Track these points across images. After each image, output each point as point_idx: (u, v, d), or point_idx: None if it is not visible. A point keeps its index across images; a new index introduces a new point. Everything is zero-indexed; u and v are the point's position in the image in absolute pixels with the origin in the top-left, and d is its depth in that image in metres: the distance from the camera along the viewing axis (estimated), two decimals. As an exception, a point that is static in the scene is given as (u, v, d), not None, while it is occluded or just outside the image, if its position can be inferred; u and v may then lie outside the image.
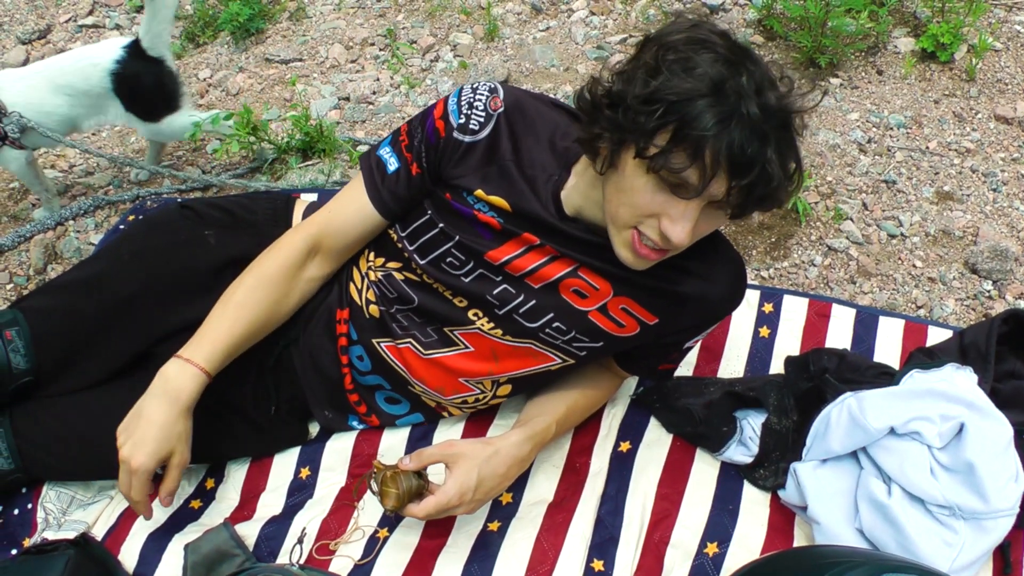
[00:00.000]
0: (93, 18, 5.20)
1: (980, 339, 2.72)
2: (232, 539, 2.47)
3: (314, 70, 4.70)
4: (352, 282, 2.63)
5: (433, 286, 2.48)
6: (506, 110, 2.33)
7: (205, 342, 2.38)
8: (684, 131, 1.89)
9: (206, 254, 2.58)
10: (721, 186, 1.94)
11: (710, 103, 1.88)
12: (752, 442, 2.65)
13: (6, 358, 2.44)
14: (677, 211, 2.00)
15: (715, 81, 1.90)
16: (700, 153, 1.89)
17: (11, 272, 3.67)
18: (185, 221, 2.65)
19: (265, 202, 2.78)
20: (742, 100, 1.90)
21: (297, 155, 4.06)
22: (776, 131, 1.93)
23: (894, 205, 3.77)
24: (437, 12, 5.01)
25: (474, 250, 2.38)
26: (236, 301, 2.43)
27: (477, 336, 2.50)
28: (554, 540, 2.51)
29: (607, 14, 4.93)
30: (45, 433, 2.52)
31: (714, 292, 2.41)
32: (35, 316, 2.51)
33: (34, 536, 2.57)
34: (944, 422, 2.38)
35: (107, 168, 4.17)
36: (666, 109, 1.91)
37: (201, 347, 2.37)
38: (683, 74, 1.91)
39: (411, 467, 2.32)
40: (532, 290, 2.39)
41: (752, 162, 1.90)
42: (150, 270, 2.54)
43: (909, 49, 4.54)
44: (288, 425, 2.74)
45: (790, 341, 3.06)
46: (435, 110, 2.37)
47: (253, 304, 2.45)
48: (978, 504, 2.29)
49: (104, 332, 2.52)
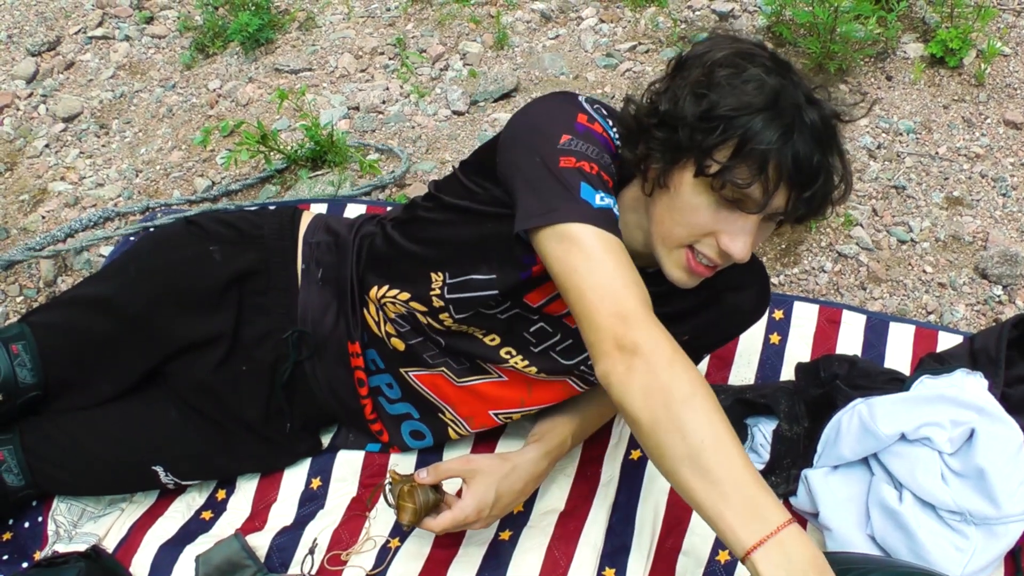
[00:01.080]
0: (103, 29, 5.20)
1: (990, 344, 2.72)
2: (243, 550, 2.47)
3: (324, 80, 4.70)
4: (368, 313, 2.58)
5: (463, 331, 2.43)
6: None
7: (762, 503, 1.79)
8: (747, 146, 1.88)
9: (212, 271, 2.56)
10: (782, 199, 1.94)
11: (770, 116, 1.88)
12: (763, 449, 2.65)
13: (12, 372, 2.44)
14: (736, 227, 1.98)
15: (771, 94, 1.90)
16: (764, 167, 1.88)
17: (21, 285, 3.67)
18: (191, 237, 2.63)
19: (272, 216, 2.74)
20: (801, 110, 1.91)
21: (307, 166, 4.06)
22: (832, 139, 1.97)
23: (904, 211, 3.76)
24: (446, 21, 5.01)
25: (513, 292, 2.31)
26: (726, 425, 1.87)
27: (511, 372, 2.49)
28: (566, 549, 2.51)
29: (616, 22, 4.93)
30: (55, 450, 2.53)
31: (745, 302, 2.44)
32: (42, 331, 2.51)
33: (45, 549, 2.57)
34: (955, 428, 2.38)
35: (117, 180, 4.18)
36: (726, 125, 1.89)
37: (773, 508, 1.79)
38: (737, 89, 1.91)
39: (428, 481, 2.32)
40: (570, 329, 2.37)
41: (817, 172, 1.92)
42: (157, 288, 2.54)
43: (918, 55, 4.54)
44: (301, 441, 2.74)
45: (801, 348, 3.06)
46: (593, 125, 2.12)
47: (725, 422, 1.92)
48: (989, 509, 2.29)
49: (112, 350, 2.52)
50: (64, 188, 4.16)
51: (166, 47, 5.09)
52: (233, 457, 2.67)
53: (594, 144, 2.08)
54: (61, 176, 4.24)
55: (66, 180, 4.21)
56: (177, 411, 2.52)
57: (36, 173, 4.26)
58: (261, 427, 2.64)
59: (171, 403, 2.54)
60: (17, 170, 4.30)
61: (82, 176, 4.24)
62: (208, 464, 2.64)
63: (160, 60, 4.99)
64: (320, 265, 2.62)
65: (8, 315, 3.57)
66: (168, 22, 5.27)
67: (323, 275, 2.61)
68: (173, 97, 4.68)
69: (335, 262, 2.61)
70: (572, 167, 2.03)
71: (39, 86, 4.83)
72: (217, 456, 2.62)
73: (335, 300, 2.61)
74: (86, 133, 4.49)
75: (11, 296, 3.64)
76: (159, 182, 4.15)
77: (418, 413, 2.65)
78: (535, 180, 2.06)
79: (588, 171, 2.03)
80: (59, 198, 4.09)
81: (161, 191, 4.10)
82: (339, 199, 3.66)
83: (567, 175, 2.02)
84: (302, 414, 2.69)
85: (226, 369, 2.55)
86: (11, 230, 3.97)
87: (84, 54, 5.06)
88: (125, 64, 4.96)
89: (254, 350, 2.58)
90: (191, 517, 2.67)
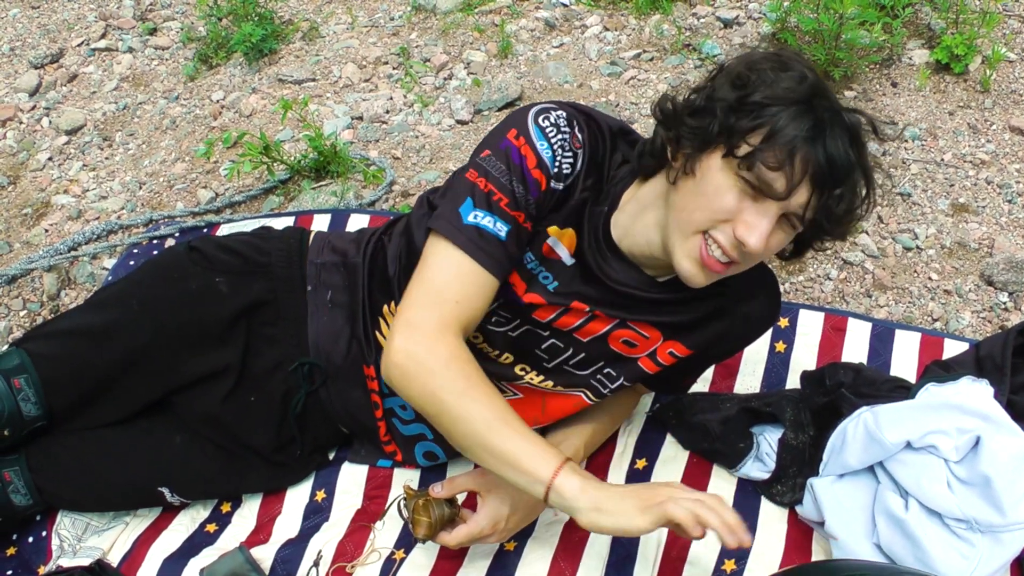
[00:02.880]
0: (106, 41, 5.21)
1: (996, 351, 2.71)
2: (248, 563, 2.47)
3: (327, 90, 4.70)
4: (380, 334, 2.53)
5: (478, 346, 2.40)
6: (585, 147, 2.19)
7: (536, 450, 2.08)
8: (779, 133, 1.91)
9: (218, 304, 2.55)
10: (804, 195, 1.95)
11: (804, 110, 1.92)
12: (769, 458, 2.64)
13: (16, 407, 2.44)
14: (755, 216, 1.98)
15: (808, 89, 1.93)
16: (791, 157, 1.90)
17: (24, 299, 3.67)
18: (195, 267, 2.60)
19: (278, 241, 2.70)
20: (837, 112, 1.94)
21: (310, 177, 4.06)
22: (860, 147, 1.97)
23: (909, 218, 3.76)
24: (450, 30, 5.01)
25: (521, 310, 2.31)
26: (502, 405, 2.11)
27: (527, 389, 2.49)
28: (571, 559, 2.50)
29: (621, 30, 4.93)
30: (61, 470, 2.54)
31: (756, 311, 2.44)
32: (44, 363, 2.49)
33: (49, 563, 2.58)
34: (960, 435, 2.37)
35: (120, 193, 4.18)
36: (760, 111, 1.93)
37: (544, 455, 2.07)
38: (775, 81, 1.94)
39: (443, 495, 2.32)
40: (581, 343, 2.37)
41: (844, 175, 1.94)
42: (160, 321, 2.51)
43: (923, 61, 4.54)
44: (312, 463, 2.74)
45: (806, 356, 3.05)
46: (527, 157, 2.13)
47: (503, 405, 2.13)
48: (995, 517, 2.28)
49: (115, 382, 2.51)
50: (67, 201, 4.16)
51: (169, 58, 5.10)
52: (241, 481, 2.68)
53: (504, 164, 2.12)
54: (64, 189, 4.25)
55: (69, 193, 4.22)
56: (183, 436, 2.52)
57: (39, 186, 4.27)
58: (271, 454, 2.64)
59: (177, 429, 2.54)
60: (20, 183, 4.30)
61: (85, 189, 4.24)
62: (215, 487, 2.64)
63: (163, 72, 5.00)
64: (328, 287, 2.60)
65: (12, 329, 3.57)
66: (172, 33, 5.28)
67: (332, 298, 2.59)
68: (176, 109, 4.69)
69: (344, 284, 2.59)
70: (471, 181, 2.13)
71: (42, 99, 4.85)
72: (225, 480, 2.62)
73: (347, 325, 2.58)
74: (89, 146, 4.49)
75: (14, 311, 3.64)
76: (162, 194, 4.16)
77: (432, 434, 2.63)
78: (449, 186, 2.23)
79: (480, 188, 2.12)
80: (62, 211, 4.10)
81: (164, 203, 4.10)
82: (342, 211, 3.65)
83: (461, 187, 2.14)
84: (313, 439, 2.68)
85: (234, 400, 2.55)
86: (14, 244, 3.98)
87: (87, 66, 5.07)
88: (128, 76, 4.97)
89: (264, 381, 2.58)
90: (196, 530, 2.67)
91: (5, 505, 2.50)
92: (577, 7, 5.12)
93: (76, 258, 3.73)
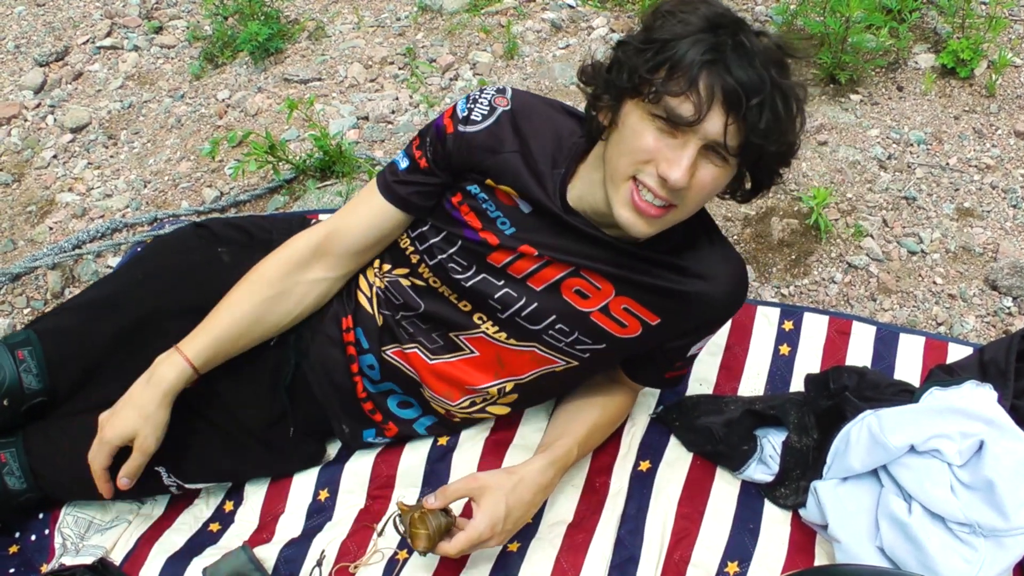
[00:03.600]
0: (111, 39, 5.21)
1: (1000, 356, 2.71)
2: (251, 562, 2.47)
3: (333, 89, 4.70)
4: (360, 291, 2.65)
5: (439, 290, 2.51)
6: (512, 109, 2.40)
7: (198, 336, 2.45)
8: (680, 62, 1.95)
9: (220, 273, 2.60)
10: (718, 122, 1.97)
11: (704, 38, 1.95)
12: (772, 460, 2.64)
13: (18, 378, 2.45)
14: (674, 151, 2.02)
15: (710, 19, 1.97)
16: (694, 83, 1.94)
17: (28, 296, 3.67)
18: (200, 241, 2.68)
19: (281, 221, 2.82)
20: (740, 32, 1.96)
21: (315, 176, 4.06)
22: (774, 66, 1.99)
23: (914, 222, 3.76)
24: (456, 31, 5.01)
25: (477, 253, 2.42)
26: (231, 299, 2.49)
27: (482, 340, 2.52)
28: (574, 560, 2.51)
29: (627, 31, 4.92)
30: (58, 452, 2.53)
31: (716, 292, 2.43)
32: (49, 336, 2.53)
33: (52, 562, 2.58)
34: (964, 439, 2.37)
35: (124, 191, 4.18)
36: (661, 47, 1.98)
37: (194, 341, 2.44)
38: (677, 17, 1.99)
39: (436, 505, 2.32)
40: (534, 292, 2.42)
41: (750, 93, 1.94)
42: (164, 290, 2.57)
43: (929, 65, 4.54)
44: (305, 445, 2.74)
45: (810, 359, 3.05)
46: (447, 110, 2.44)
47: (246, 302, 2.49)
48: (998, 521, 2.28)
49: (118, 353, 2.53)
50: (72, 199, 4.16)
51: (175, 57, 5.09)
52: (236, 460, 2.67)
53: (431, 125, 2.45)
54: (69, 187, 4.25)
55: (74, 191, 4.22)
56: (180, 414, 2.52)
57: (43, 184, 4.26)
58: (264, 432, 2.65)
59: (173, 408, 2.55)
60: (24, 181, 4.30)
61: (90, 187, 4.24)
62: (210, 466, 2.64)
63: (169, 70, 5.00)
64: None
65: (15, 326, 3.57)
66: (177, 32, 5.28)
67: None
68: (182, 107, 4.69)
69: None
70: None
71: (47, 96, 4.84)
72: (219, 458, 2.62)
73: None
74: (94, 144, 4.49)
75: (18, 308, 3.64)
76: (167, 193, 4.16)
77: (400, 388, 2.67)
78: None
79: (410, 143, 2.51)
80: (66, 209, 4.10)
81: (169, 202, 4.10)
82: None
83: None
84: (304, 416, 2.69)
85: (228, 371, 2.56)
86: (18, 241, 3.97)
87: (92, 64, 5.07)
88: (134, 74, 4.97)
89: (256, 351, 2.60)
90: (198, 529, 2.67)
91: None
92: (583, 8, 5.12)
93: (80, 256, 3.73)
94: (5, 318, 3.60)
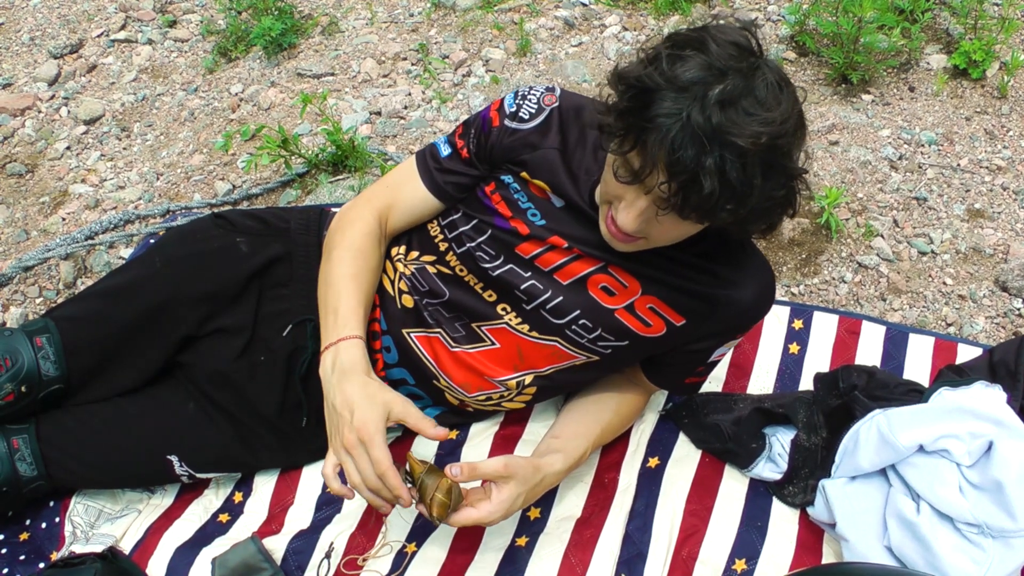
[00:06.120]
0: (125, 32, 5.21)
1: (1009, 357, 2.71)
2: (260, 553, 2.47)
3: (346, 84, 4.70)
4: (384, 273, 2.66)
5: (465, 279, 2.52)
6: (560, 107, 2.44)
7: (343, 317, 2.39)
8: (634, 116, 1.92)
9: (237, 261, 2.61)
10: (656, 180, 1.93)
11: (665, 97, 1.88)
12: (781, 459, 2.65)
13: (36, 364, 2.46)
14: (628, 199, 2.06)
15: (683, 81, 1.87)
16: (643, 141, 1.91)
17: (41, 287, 3.68)
18: (218, 230, 2.68)
19: (299, 213, 2.81)
20: (695, 104, 1.85)
21: (327, 171, 4.06)
22: (721, 147, 1.84)
23: (925, 222, 3.76)
24: (470, 27, 5.01)
25: (506, 242, 2.44)
26: (345, 274, 2.46)
27: (504, 332, 2.51)
28: (582, 556, 2.51)
29: (640, 29, 4.92)
30: (70, 439, 2.54)
31: (743, 298, 2.42)
32: (66, 324, 2.54)
33: (62, 550, 2.58)
34: (973, 440, 2.38)
35: (137, 183, 4.18)
36: (627, 91, 1.96)
37: (345, 322, 2.39)
38: (667, 68, 1.90)
39: (461, 479, 2.26)
40: (560, 286, 2.42)
41: (685, 166, 1.86)
42: (181, 277, 2.56)
43: (941, 66, 4.54)
44: (317, 437, 2.74)
45: (820, 358, 3.06)
46: (494, 103, 2.50)
47: (361, 271, 2.49)
48: (1006, 522, 2.29)
49: (134, 339, 2.54)
50: (85, 190, 4.16)
51: (189, 51, 5.09)
52: (248, 450, 2.67)
53: (478, 117, 2.52)
54: (82, 178, 4.25)
55: (87, 183, 4.22)
56: (195, 403, 2.53)
57: (57, 175, 4.27)
58: (277, 420, 2.64)
59: (188, 395, 2.56)
60: (38, 172, 4.31)
61: (103, 179, 4.24)
62: (222, 456, 2.64)
63: (182, 64, 5.00)
64: None
65: (28, 316, 3.58)
66: (191, 26, 5.28)
67: None
68: (195, 101, 4.69)
69: None
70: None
71: (61, 88, 4.84)
72: (232, 448, 2.62)
73: None
74: (107, 136, 4.49)
75: (31, 298, 3.65)
76: (180, 185, 4.16)
77: (413, 379, 2.66)
78: None
79: (453, 131, 2.59)
80: (80, 200, 4.10)
81: (182, 194, 4.11)
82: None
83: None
84: (318, 407, 2.69)
85: (244, 359, 2.57)
86: (31, 232, 3.98)
87: (106, 57, 5.07)
88: (147, 67, 4.97)
89: (272, 341, 2.60)
90: (208, 519, 2.68)
91: (10, 474, 2.50)
92: (596, 6, 5.12)
93: (93, 247, 3.74)
94: (18, 308, 3.60)
